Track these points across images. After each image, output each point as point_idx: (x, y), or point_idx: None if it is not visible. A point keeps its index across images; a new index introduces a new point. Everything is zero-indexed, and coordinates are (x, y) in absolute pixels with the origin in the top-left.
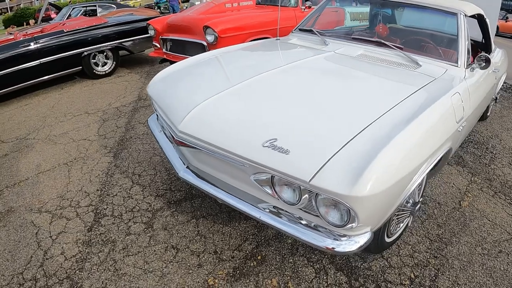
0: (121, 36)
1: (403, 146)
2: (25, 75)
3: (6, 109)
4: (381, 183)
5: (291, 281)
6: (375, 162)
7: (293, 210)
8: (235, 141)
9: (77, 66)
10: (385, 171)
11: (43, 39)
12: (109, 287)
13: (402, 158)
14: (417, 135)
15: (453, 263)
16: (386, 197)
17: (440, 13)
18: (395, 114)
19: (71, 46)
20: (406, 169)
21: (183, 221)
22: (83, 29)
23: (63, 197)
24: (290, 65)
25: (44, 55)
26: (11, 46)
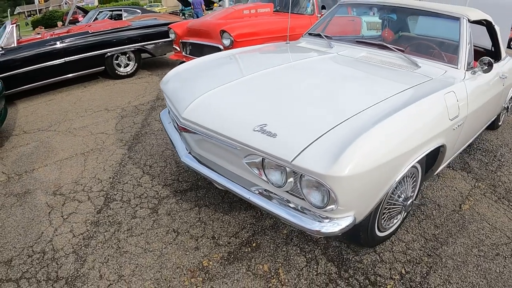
0: (144, 39)
1: (385, 133)
2: (50, 72)
3: (30, 103)
4: (360, 165)
5: (281, 268)
6: (355, 145)
7: (281, 193)
8: (229, 126)
9: (100, 66)
10: (365, 155)
11: (68, 39)
12: (111, 262)
13: (383, 144)
14: (401, 125)
15: (446, 262)
16: (366, 181)
17: (444, 18)
18: (383, 106)
19: (95, 46)
20: (388, 156)
21: (186, 209)
22: (107, 31)
23: (77, 182)
24: (292, 64)
25: (69, 54)
26: (38, 44)
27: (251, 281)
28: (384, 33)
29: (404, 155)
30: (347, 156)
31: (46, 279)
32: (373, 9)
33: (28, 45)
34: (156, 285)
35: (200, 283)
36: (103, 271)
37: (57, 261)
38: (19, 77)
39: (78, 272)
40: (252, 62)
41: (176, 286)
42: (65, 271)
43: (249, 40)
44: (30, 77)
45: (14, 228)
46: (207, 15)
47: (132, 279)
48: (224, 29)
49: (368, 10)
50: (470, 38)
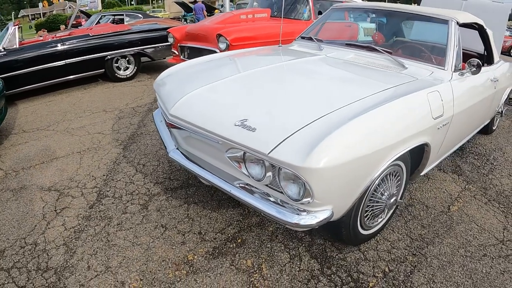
0: (143, 43)
1: (361, 128)
2: (50, 74)
3: (31, 104)
4: (335, 158)
5: (265, 263)
6: (330, 138)
7: (261, 186)
8: (212, 121)
9: (100, 68)
10: (340, 148)
11: (69, 41)
12: (99, 254)
13: (360, 138)
14: (379, 120)
15: (431, 261)
16: (342, 175)
17: (433, 22)
18: (364, 103)
19: (95, 49)
20: (365, 150)
21: (176, 205)
22: (107, 34)
23: (72, 179)
24: (278, 64)
25: (69, 56)
26: (40, 46)
27: (234, 275)
28: (374, 36)
29: (382, 150)
30: (321, 149)
31: (36, 269)
32: (369, 15)
33: (29, 47)
34: (141, 276)
35: (183, 275)
36: (91, 262)
37: (48, 252)
38: (20, 78)
39: (67, 263)
40: (241, 63)
41: (161, 278)
42: (55, 262)
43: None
44: (31, 78)
45: (9, 221)
46: (205, 20)
47: (119, 271)
48: (220, 33)
49: (365, 16)
50: (458, 40)
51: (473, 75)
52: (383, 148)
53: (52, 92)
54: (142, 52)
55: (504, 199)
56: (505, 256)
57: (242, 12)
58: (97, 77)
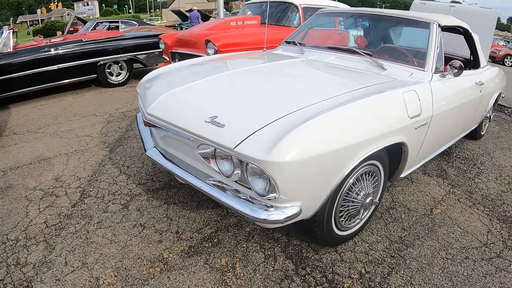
0: (136, 49)
1: (329, 124)
2: (43, 78)
3: (23, 107)
4: (299, 153)
5: (239, 263)
6: (294, 133)
7: (231, 183)
8: (184, 119)
9: (92, 74)
10: (305, 143)
11: (62, 46)
12: (77, 251)
13: (327, 134)
14: (348, 116)
15: (410, 263)
16: (309, 171)
17: (416, 24)
18: (335, 101)
19: (88, 55)
20: (332, 146)
21: (156, 205)
22: (100, 40)
23: (57, 179)
24: (257, 66)
25: (62, 61)
26: (33, 50)
27: (207, 273)
28: (357, 40)
29: (351, 147)
30: (285, 143)
31: (15, 264)
32: (354, 20)
33: (23, 51)
34: (116, 273)
35: (157, 273)
36: (69, 258)
37: (28, 248)
38: (13, 81)
39: (46, 258)
40: (221, 65)
41: (135, 274)
42: (34, 257)
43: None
44: (24, 82)
45: None
46: (196, 26)
47: (95, 267)
48: (209, 39)
49: (349, 21)
50: (440, 42)
51: (455, 77)
52: (352, 145)
53: (44, 96)
54: (134, 58)
55: (490, 202)
56: (488, 259)
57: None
58: (89, 82)
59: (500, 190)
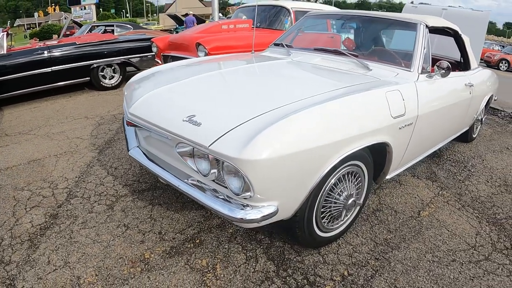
0: (129, 52)
1: (306, 122)
2: (36, 80)
3: (16, 109)
4: (273, 150)
5: (220, 264)
6: (269, 130)
7: (209, 182)
8: (163, 118)
9: (85, 76)
10: (280, 141)
11: (56, 49)
12: (60, 250)
13: (303, 132)
14: (327, 115)
15: (395, 266)
16: (284, 169)
17: (403, 25)
18: (314, 100)
19: (81, 57)
20: (308, 145)
21: (141, 206)
22: (94, 43)
23: (45, 180)
24: (242, 67)
25: (55, 63)
26: (26, 52)
27: (187, 274)
28: (345, 41)
29: (329, 146)
30: (259, 141)
31: None
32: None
33: (16, 53)
34: (97, 272)
35: (138, 273)
36: (52, 257)
37: (12, 247)
38: (6, 83)
39: (29, 257)
40: (206, 66)
41: (115, 274)
42: (18, 256)
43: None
44: (17, 84)
45: None
46: (188, 30)
47: (76, 266)
48: (199, 42)
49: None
50: (427, 43)
51: (443, 77)
52: (330, 144)
53: (38, 99)
54: (127, 62)
55: (480, 204)
56: (476, 261)
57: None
58: (83, 85)
59: (490, 192)
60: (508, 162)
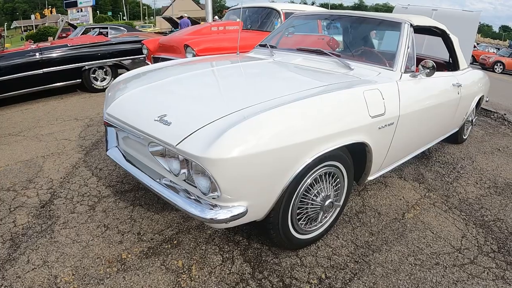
0: (121, 54)
1: (274, 120)
2: (28, 82)
3: (8, 111)
4: (239, 149)
5: (195, 265)
6: (235, 129)
7: (180, 182)
8: (136, 117)
9: (77, 78)
10: (246, 140)
11: (47, 51)
12: (40, 249)
13: (271, 131)
14: (296, 114)
15: (375, 269)
16: (251, 168)
17: (387, 24)
18: (287, 98)
19: (73, 59)
20: (277, 144)
21: (122, 207)
22: (86, 45)
23: (31, 181)
24: (222, 67)
25: (47, 65)
26: (19, 54)
27: (162, 274)
28: (330, 41)
29: (301, 145)
30: (225, 140)
31: None
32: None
33: (9, 55)
34: (74, 272)
35: (114, 273)
36: (31, 256)
37: None
38: None
39: (10, 256)
40: (187, 67)
41: (92, 274)
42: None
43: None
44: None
45: None
46: (178, 31)
47: (54, 265)
48: (187, 43)
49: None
50: (412, 42)
51: (428, 77)
52: (301, 143)
53: (30, 101)
54: (119, 64)
55: (467, 206)
56: (460, 265)
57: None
58: (75, 87)
59: (479, 194)
60: (498, 164)
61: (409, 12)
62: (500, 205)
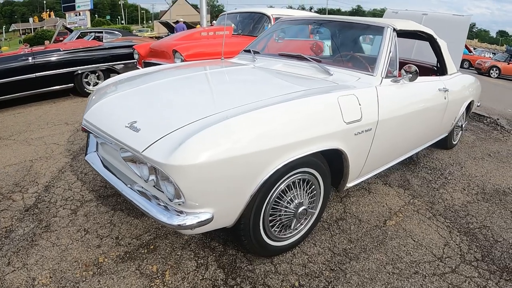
0: (113, 59)
1: (239, 127)
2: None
3: (0, 114)
4: (202, 156)
5: (169, 270)
6: (197, 136)
7: (150, 188)
8: (109, 124)
9: (69, 83)
10: (210, 146)
11: (40, 55)
12: (21, 252)
13: (235, 138)
14: (262, 120)
15: (351, 278)
16: (216, 175)
17: (370, 29)
18: (257, 105)
19: (65, 64)
20: (243, 150)
21: (103, 211)
22: (78, 49)
23: (17, 184)
24: (201, 73)
25: (39, 69)
26: (11, 58)
27: (136, 279)
28: (313, 46)
29: (268, 152)
30: (187, 146)
31: None
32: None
33: (1, 59)
34: (51, 274)
35: (89, 276)
36: (12, 259)
37: None
38: None
39: None
40: (166, 73)
41: (68, 277)
42: None
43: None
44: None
45: None
46: (168, 37)
47: (33, 268)
48: (176, 49)
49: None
50: (394, 47)
51: (411, 81)
52: (267, 150)
53: (22, 105)
54: (111, 68)
55: (452, 213)
56: (441, 274)
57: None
58: (68, 91)
59: (466, 200)
60: (488, 169)
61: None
62: (487, 212)
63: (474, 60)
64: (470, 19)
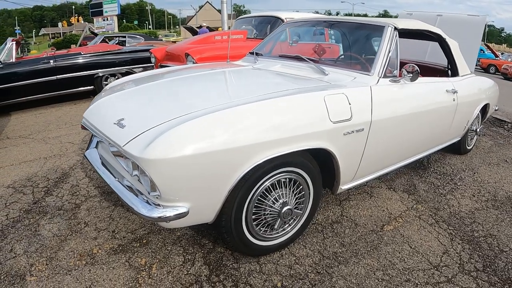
0: (133, 62)
1: (214, 123)
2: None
3: (22, 115)
4: (175, 150)
5: (157, 264)
6: (172, 131)
7: (135, 182)
8: (101, 120)
9: (89, 85)
10: (183, 141)
11: (61, 58)
12: (24, 240)
13: (211, 133)
14: (240, 116)
15: (336, 282)
16: (190, 170)
17: (371, 29)
18: (236, 103)
19: (85, 67)
20: (217, 146)
21: (104, 207)
22: (99, 53)
23: (29, 179)
24: (197, 74)
25: (60, 72)
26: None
27: (124, 270)
28: (315, 47)
29: (242, 149)
30: (160, 141)
31: None
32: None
33: (24, 62)
34: (48, 262)
35: (82, 265)
36: (15, 246)
37: None
38: (14, 90)
39: None
40: (168, 74)
41: (63, 265)
42: None
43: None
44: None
45: None
46: (183, 40)
47: (33, 255)
48: (188, 52)
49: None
50: (395, 46)
51: (412, 81)
52: (242, 147)
53: (44, 106)
54: (130, 71)
55: (457, 220)
56: (435, 283)
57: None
58: (89, 93)
59: (474, 207)
60: (503, 176)
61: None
62: (496, 220)
63: (500, 65)
64: (485, 19)
